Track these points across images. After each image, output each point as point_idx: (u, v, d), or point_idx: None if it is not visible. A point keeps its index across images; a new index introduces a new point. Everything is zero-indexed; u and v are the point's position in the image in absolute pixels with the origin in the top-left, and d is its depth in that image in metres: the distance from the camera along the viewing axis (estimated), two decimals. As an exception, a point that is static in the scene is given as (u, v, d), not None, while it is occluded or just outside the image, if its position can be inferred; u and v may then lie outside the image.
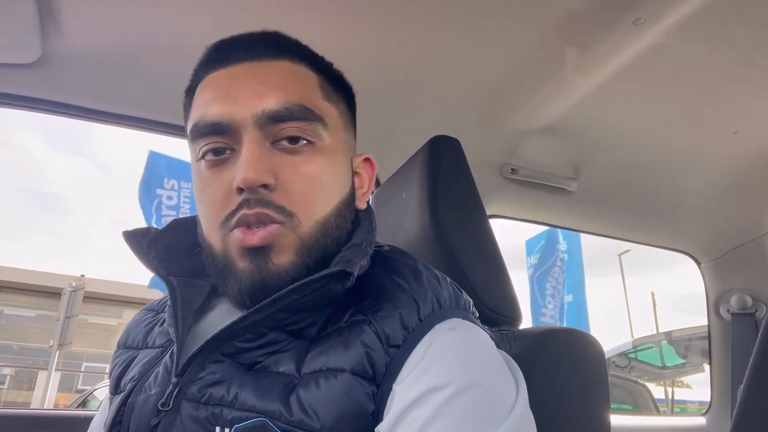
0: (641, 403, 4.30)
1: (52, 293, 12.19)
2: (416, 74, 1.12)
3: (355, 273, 0.53)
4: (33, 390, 12.06)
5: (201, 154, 0.57)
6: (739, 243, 1.70)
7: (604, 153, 1.38)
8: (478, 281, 0.78)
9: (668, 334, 5.77)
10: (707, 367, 1.86)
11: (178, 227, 0.68)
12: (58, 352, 7.96)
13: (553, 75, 1.11)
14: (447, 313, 0.56)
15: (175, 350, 0.58)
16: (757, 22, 0.95)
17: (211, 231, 0.57)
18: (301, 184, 0.56)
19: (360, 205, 0.65)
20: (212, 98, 0.57)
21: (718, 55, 1.03)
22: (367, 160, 0.68)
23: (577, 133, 1.30)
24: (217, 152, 0.56)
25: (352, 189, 0.64)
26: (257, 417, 0.50)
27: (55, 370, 8.35)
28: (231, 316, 0.65)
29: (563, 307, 6.62)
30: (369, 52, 1.05)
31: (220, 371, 0.54)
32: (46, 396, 8.29)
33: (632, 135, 1.31)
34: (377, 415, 0.50)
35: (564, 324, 6.24)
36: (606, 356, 0.89)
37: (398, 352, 0.51)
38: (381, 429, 0.49)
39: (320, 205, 0.57)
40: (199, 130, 0.56)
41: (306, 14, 0.96)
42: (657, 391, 7.86)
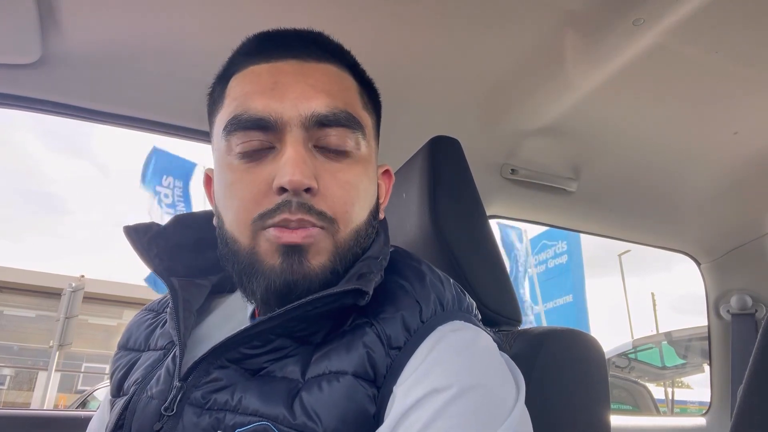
0: (641, 404, 4.30)
1: (51, 294, 12.19)
2: (416, 74, 1.12)
3: (370, 292, 0.52)
4: (33, 390, 12.05)
5: (237, 147, 0.55)
6: (739, 243, 1.70)
7: (604, 153, 1.38)
8: (478, 281, 0.78)
9: (668, 335, 5.77)
10: (707, 367, 1.86)
11: (182, 223, 0.67)
12: (57, 353, 7.96)
13: (553, 75, 1.11)
14: (449, 315, 0.55)
15: (177, 353, 0.57)
16: (757, 22, 0.95)
17: (239, 226, 0.55)
18: (341, 191, 0.55)
19: (380, 215, 0.65)
20: (255, 92, 0.55)
21: (718, 55, 1.03)
22: (386, 171, 0.69)
23: (577, 133, 1.30)
24: (254, 147, 0.55)
25: (378, 199, 0.64)
26: (260, 421, 0.49)
27: (55, 370, 8.35)
28: (232, 317, 0.64)
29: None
30: (369, 53, 1.05)
31: (225, 377, 0.53)
32: (46, 396, 8.29)
33: (632, 135, 1.31)
34: (378, 418, 0.50)
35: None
36: (606, 356, 0.89)
37: (399, 353, 0.51)
38: (382, 431, 0.48)
39: (356, 213, 0.57)
40: (241, 123, 0.55)
41: (305, 15, 0.96)
42: (657, 391, 7.87)
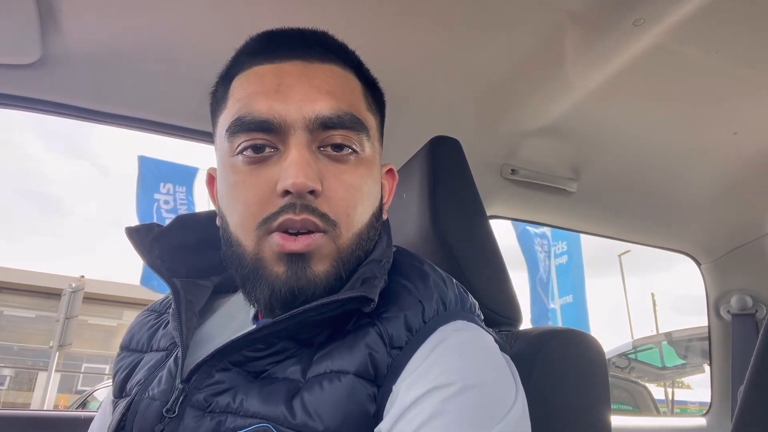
0: (641, 404, 4.30)
1: (51, 294, 12.19)
2: (416, 74, 1.12)
3: (376, 300, 0.51)
4: (33, 391, 12.06)
5: (240, 148, 0.55)
6: (739, 243, 1.70)
7: (604, 153, 1.38)
8: (478, 282, 0.78)
9: (668, 335, 5.78)
10: (707, 367, 1.86)
11: (184, 224, 0.67)
12: (57, 353, 7.96)
13: (553, 75, 1.11)
14: (452, 315, 0.55)
15: (179, 354, 0.57)
16: (757, 22, 0.95)
17: (244, 230, 0.55)
18: (344, 193, 0.55)
19: (384, 215, 0.64)
20: (259, 93, 0.55)
21: (718, 55, 1.03)
22: (390, 171, 0.68)
23: (577, 133, 1.30)
24: (257, 149, 0.54)
25: (381, 200, 0.63)
26: (260, 423, 0.49)
27: (55, 371, 8.35)
28: (235, 318, 0.64)
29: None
30: (368, 53, 1.05)
31: (228, 380, 0.53)
32: (46, 397, 8.30)
33: (632, 135, 1.31)
34: (378, 416, 0.50)
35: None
36: (606, 357, 0.89)
37: (401, 353, 0.51)
38: (382, 428, 0.48)
39: (359, 216, 0.56)
40: (244, 125, 0.54)
41: (305, 15, 0.96)
42: (657, 391, 7.86)
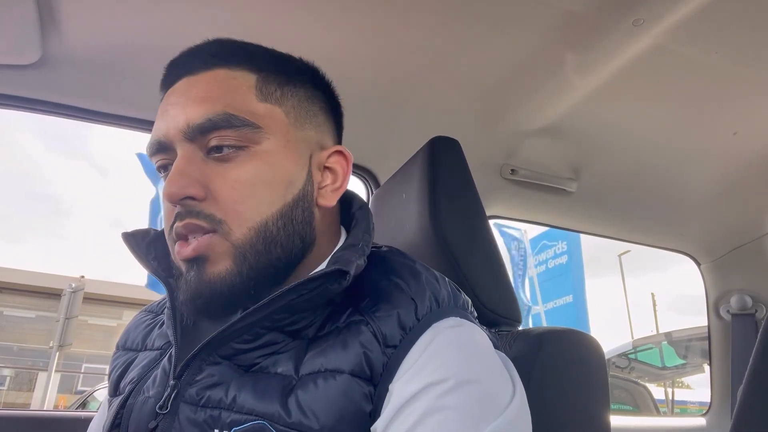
0: (641, 404, 4.30)
1: (51, 294, 12.20)
2: (416, 74, 1.12)
3: (352, 272, 0.52)
4: (33, 391, 12.05)
5: (158, 169, 0.60)
6: (739, 243, 1.70)
7: (604, 153, 1.38)
8: (478, 282, 0.78)
9: (668, 335, 5.78)
10: (707, 367, 1.86)
11: None
12: (57, 353, 7.96)
13: (553, 75, 1.11)
14: (445, 311, 0.55)
15: (173, 352, 0.58)
16: (757, 22, 0.96)
17: (168, 241, 0.59)
18: (230, 190, 0.55)
19: (326, 202, 0.61)
20: (157, 118, 0.60)
21: (718, 55, 1.03)
22: (339, 152, 0.63)
23: (577, 133, 1.30)
24: (163, 168, 0.59)
25: (307, 188, 0.60)
26: (256, 420, 0.50)
27: (55, 371, 8.35)
28: (229, 317, 0.65)
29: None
30: (368, 53, 1.05)
31: (218, 373, 0.54)
32: (46, 397, 8.29)
33: (632, 135, 1.31)
34: (374, 415, 0.50)
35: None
36: (606, 357, 0.89)
37: (395, 351, 0.51)
38: (378, 426, 0.49)
39: (253, 210, 0.55)
40: (149, 149, 0.60)
41: (304, 15, 0.96)
42: (657, 391, 7.87)
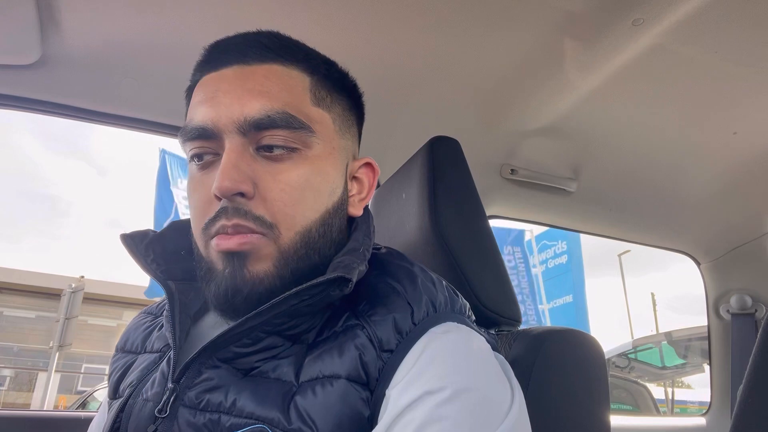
0: (641, 404, 4.30)
1: (51, 294, 12.19)
2: (416, 74, 1.12)
3: (354, 279, 0.52)
4: (33, 391, 12.06)
5: (189, 156, 0.58)
6: (739, 243, 1.70)
7: (604, 153, 1.38)
8: (478, 282, 0.78)
9: (668, 335, 5.77)
10: (707, 367, 1.86)
11: (177, 229, 0.67)
12: (57, 354, 7.95)
13: (553, 75, 1.11)
14: (442, 316, 0.55)
15: (172, 355, 0.57)
16: (757, 22, 0.95)
17: (196, 235, 0.57)
18: (280, 192, 0.54)
19: (355, 211, 0.63)
20: (200, 102, 0.57)
21: (718, 55, 1.03)
22: (368, 164, 0.66)
23: (576, 133, 1.30)
24: (200, 156, 0.57)
25: (344, 196, 0.61)
26: (256, 424, 0.49)
27: (55, 371, 8.34)
28: (228, 320, 0.65)
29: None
30: (369, 53, 1.05)
31: (217, 377, 0.53)
32: (46, 397, 8.29)
33: (632, 135, 1.31)
34: (372, 421, 0.49)
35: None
36: (606, 356, 0.89)
37: (391, 356, 0.51)
38: None
39: (301, 215, 0.55)
40: (186, 134, 0.56)
41: (305, 14, 0.96)
42: (657, 391, 7.86)
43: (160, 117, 1.16)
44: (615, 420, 0.85)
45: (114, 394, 0.64)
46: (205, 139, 0.56)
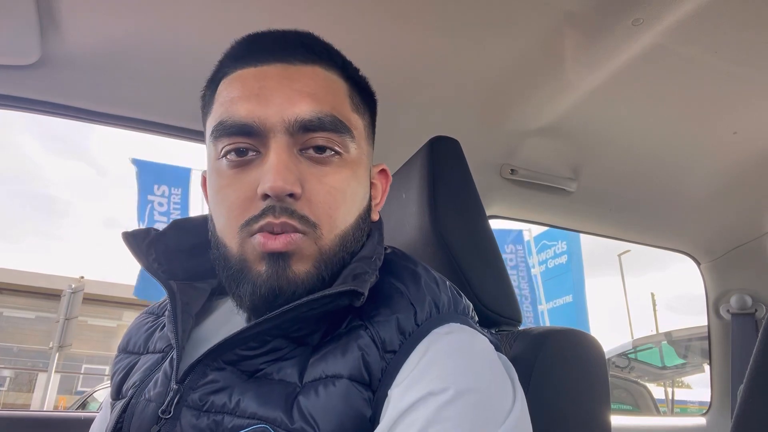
0: (641, 404, 4.30)
1: (51, 295, 12.19)
2: (416, 74, 1.12)
3: (366, 293, 0.52)
4: (33, 392, 12.05)
5: (223, 152, 0.56)
6: (739, 243, 1.70)
7: (604, 153, 1.38)
8: (478, 282, 0.78)
9: (668, 335, 5.78)
10: (707, 367, 1.86)
11: (180, 228, 0.67)
12: (57, 354, 7.95)
13: (553, 75, 1.11)
14: (445, 317, 0.55)
15: (174, 356, 0.57)
16: (757, 22, 0.95)
17: (228, 232, 0.56)
18: (326, 195, 0.55)
19: (374, 216, 0.64)
20: (240, 97, 0.55)
21: (718, 55, 1.03)
22: (383, 171, 0.68)
23: (576, 133, 1.30)
24: (240, 152, 0.55)
25: (369, 201, 0.63)
26: (258, 424, 0.49)
27: (55, 371, 8.34)
28: (231, 319, 0.64)
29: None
30: (369, 53, 1.05)
31: (222, 379, 0.53)
32: (46, 398, 8.29)
33: (632, 135, 1.31)
34: (374, 421, 0.49)
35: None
36: (606, 356, 0.89)
37: (394, 357, 0.51)
38: None
39: (342, 218, 0.56)
40: (225, 129, 0.55)
41: (304, 14, 0.96)
42: (657, 391, 7.87)
43: (160, 117, 1.15)
44: (615, 420, 0.85)
45: (117, 394, 0.64)
46: (247, 135, 0.54)
